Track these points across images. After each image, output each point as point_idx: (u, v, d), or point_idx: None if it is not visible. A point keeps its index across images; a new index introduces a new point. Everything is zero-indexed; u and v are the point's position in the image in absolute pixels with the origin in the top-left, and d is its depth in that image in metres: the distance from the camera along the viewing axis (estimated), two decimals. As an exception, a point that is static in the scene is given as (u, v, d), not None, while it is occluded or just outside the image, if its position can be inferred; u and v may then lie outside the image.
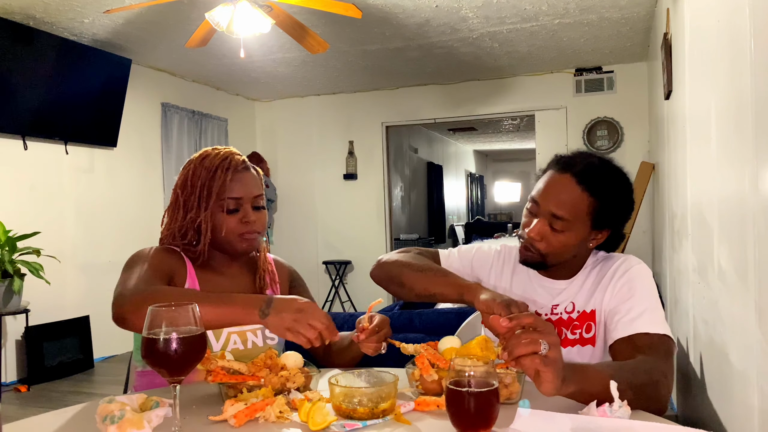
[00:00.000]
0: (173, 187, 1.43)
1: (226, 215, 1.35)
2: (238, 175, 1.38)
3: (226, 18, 3.03)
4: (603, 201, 1.26)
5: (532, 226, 1.28)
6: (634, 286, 1.28)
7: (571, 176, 1.27)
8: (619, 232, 1.34)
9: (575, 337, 1.33)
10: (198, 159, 1.41)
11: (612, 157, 1.36)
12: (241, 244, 1.38)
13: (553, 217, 1.26)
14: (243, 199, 1.37)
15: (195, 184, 1.37)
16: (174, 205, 1.41)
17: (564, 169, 1.29)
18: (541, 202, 1.28)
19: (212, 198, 1.35)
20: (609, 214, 1.29)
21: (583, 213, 1.26)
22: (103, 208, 4.88)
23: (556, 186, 1.28)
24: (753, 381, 1.23)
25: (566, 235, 1.27)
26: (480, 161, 14.13)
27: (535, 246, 1.29)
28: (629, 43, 4.98)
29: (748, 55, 1.22)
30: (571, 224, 1.26)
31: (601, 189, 1.26)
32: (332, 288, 6.65)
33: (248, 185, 1.39)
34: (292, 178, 6.87)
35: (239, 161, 1.40)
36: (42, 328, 4.14)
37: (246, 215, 1.37)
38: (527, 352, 0.91)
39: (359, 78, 6.00)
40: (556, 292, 1.37)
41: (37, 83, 4.18)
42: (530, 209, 1.32)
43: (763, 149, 1.13)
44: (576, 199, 1.26)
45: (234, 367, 1.11)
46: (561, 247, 1.29)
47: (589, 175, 1.26)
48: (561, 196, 1.26)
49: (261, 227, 1.40)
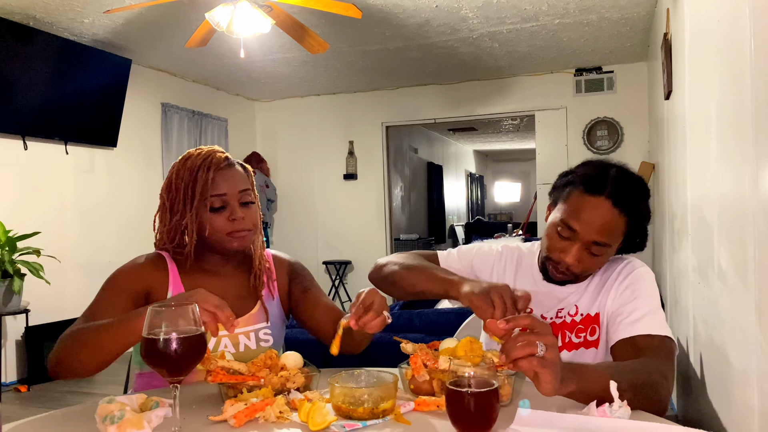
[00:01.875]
0: (160, 191, 1.40)
1: (211, 214, 1.32)
2: (221, 172, 1.33)
3: (226, 18, 3.03)
4: (635, 217, 1.27)
5: (571, 253, 1.26)
6: (637, 288, 1.29)
7: (605, 199, 1.24)
8: (644, 240, 1.33)
9: (579, 340, 1.33)
10: (181, 161, 1.37)
11: (625, 163, 1.34)
12: (231, 243, 1.34)
13: (593, 244, 1.25)
14: (228, 195, 1.33)
15: (179, 186, 1.34)
16: (161, 209, 1.38)
17: (596, 191, 1.25)
18: (580, 229, 1.25)
19: (196, 198, 1.31)
20: (640, 229, 1.30)
21: (620, 234, 1.27)
22: (103, 208, 4.88)
23: (594, 212, 1.24)
24: (753, 381, 1.23)
25: (603, 257, 1.28)
26: (480, 161, 14.13)
27: (572, 270, 1.29)
28: (629, 43, 4.98)
29: (748, 55, 1.22)
30: (610, 247, 1.27)
31: (635, 207, 1.26)
32: (332, 288, 6.66)
33: (232, 181, 1.34)
34: (292, 178, 6.87)
35: (221, 158, 1.35)
36: (42, 328, 4.14)
37: (233, 212, 1.32)
38: (524, 354, 0.91)
39: (359, 78, 6.00)
40: (562, 296, 1.37)
41: (37, 83, 4.18)
42: (562, 233, 1.28)
43: (763, 149, 1.13)
44: (615, 224, 1.25)
45: (234, 367, 1.11)
46: (596, 267, 1.31)
47: (623, 196, 1.24)
48: (601, 223, 1.24)
49: (251, 224, 1.35)
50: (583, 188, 1.27)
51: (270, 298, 1.45)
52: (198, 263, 1.38)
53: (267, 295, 1.44)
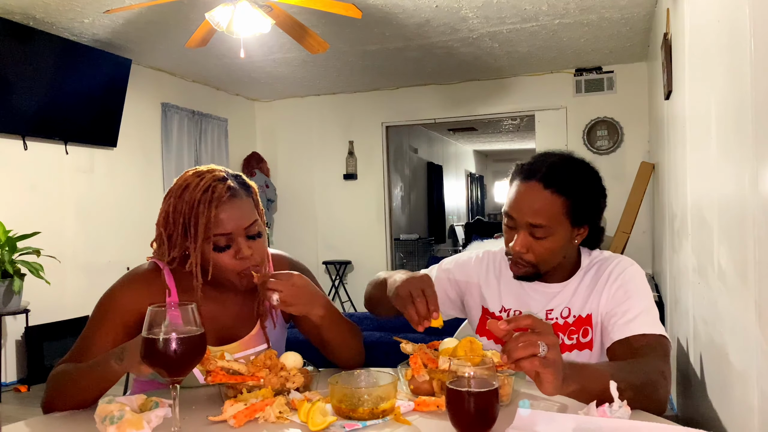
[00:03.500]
0: (156, 222, 1.27)
1: (216, 253, 1.21)
2: (224, 206, 1.20)
3: (226, 18, 3.03)
4: (574, 197, 1.26)
5: (515, 240, 1.28)
6: (629, 288, 1.28)
7: (536, 182, 1.26)
8: (598, 224, 1.34)
9: (572, 342, 1.33)
10: (177, 191, 1.23)
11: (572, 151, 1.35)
12: (240, 281, 1.24)
13: (531, 227, 1.26)
14: (234, 234, 1.21)
15: (177, 220, 1.21)
16: (158, 240, 1.27)
17: (528, 176, 1.28)
18: (516, 215, 1.28)
19: (199, 237, 1.19)
20: (584, 209, 1.29)
21: (559, 215, 1.26)
22: (103, 208, 4.88)
23: (525, 196, 1.27)
24: (753, 381, 1.23)
25: (550, 240, 1.27)
26: (480, 161, 14.13)
27: (524, 258, 1.29)
28: (629, 43, 4.98)
29: (748, 55, 1.22)
30: (552, 228, 1.26)
31: (569, 186, 1.26)
32: (332, 288, 6.65)
33: (238, 216, 1.21)
34: (292, 178, 6.87)
35: (223, 190, 1.21)
36: (42, 328, 4.13)
37: (240, 250, 1.21)
38: (526, 354, 0.92)
39: (359, 78, 6.00)
40: (550, 296, 1.36)
41: (37, 83, 4.18)
42: (507, 224, 1.31)
43: (763, 149, 1.13)
44: (548, 204, 1.25)
45: (233, 367, 1.11)
46: (549, 253, 1.29)
47: (554, 176, 1.26)
48: (533, 205, 1.26)
49: (260, 258, 1.25)
50: (519, 177, 1.31)
51: (272, 323, 1.38)
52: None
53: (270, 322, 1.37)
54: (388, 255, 6.69)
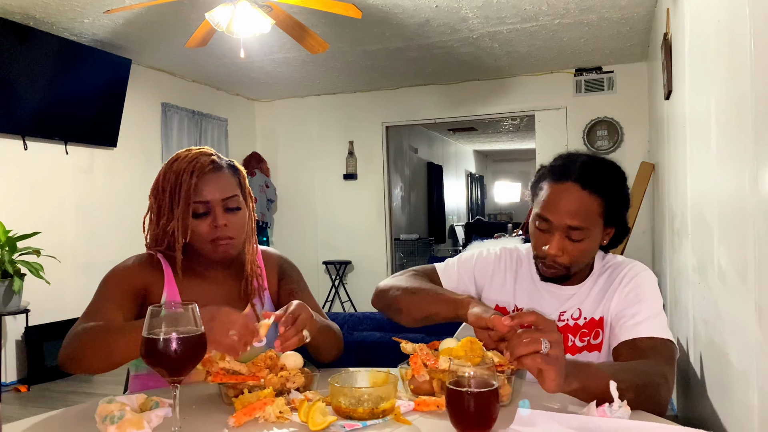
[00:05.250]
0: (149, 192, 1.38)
1: (194, 220, 1.30)
2: (206, 177, 1.31)
3: (226, 18, 3.03)
4: (609, 197, 1.26)
5: (551, 244, 1.26)
6: (640, 292, 1.28)
7: (572, 183, 1.25)
8: (625, 224, 1.34)
9: (583, 344, 1.32)
10: (168, 162, 1.36)
11: (595, 150, 1.35)
12: (214, 249, 1.32)
13: (569, 229, 1.24)
14: (211, 203, 1.30)
15: (165, 188, 1.32)
16: (150, 210, 1.37)
17: (561, 177, 1.26)
18: (552, 217, 1.25)
19: (181, 203, 1.29)
20: (617, 209, 1.29)
21: (595, 215, 1.25)
22: (103, 208, 4.88)
23: (562, 197, 1.25)
24: (753, 381, 1.23)
25: (586, 242, 1.26)
26: (480, 161, 14.13)
27: (558, 261, 1.27)
28: (629, 43, 4.98)
29: (748, 55, 1.22)
30: (589, 230, 1.25)
31: (604, 186, 1.26)
32: (332, 288, 6.65)
33: (217, 187, 1.32)
34: (292, 178, 6.87)
35: (206, 162, 1.32)
36: (42, 328, 4.13)
37: (216, 219, 1.30)
38: (528, 351, 0.92)
39: (359, 78, 6.00)
40: (564, 298, 1.36)
41: (37, 83, 4.18)
42: (540, 227, 1.28)
43: (763, 149, 1.13)
44: (586, 205, 1.24)
45: (234, 367, 1.11)
46: (583, 255, 1.28)
47: (589, 177, 1.25)
48: (571, 207, 1.24)
49: (235, 231, 1.32)
50: (551, 178, 1.29)
51: (260, 303, 1.44)
52: (190, 266, 1.37)
53: (258, 300, 1.43)
54: (388, 255, 6.69)
